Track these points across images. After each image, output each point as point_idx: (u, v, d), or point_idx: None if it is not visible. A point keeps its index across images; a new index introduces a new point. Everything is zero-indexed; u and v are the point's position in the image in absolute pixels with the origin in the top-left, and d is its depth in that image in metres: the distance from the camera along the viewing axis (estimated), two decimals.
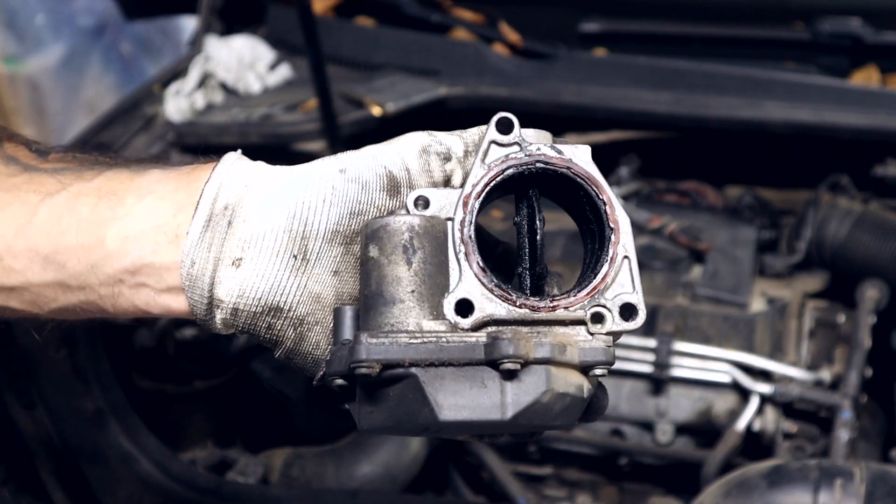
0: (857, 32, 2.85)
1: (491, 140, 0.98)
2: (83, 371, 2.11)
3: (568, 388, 0.91)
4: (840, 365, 2.54)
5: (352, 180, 0.99)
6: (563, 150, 0.99)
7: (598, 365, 0.94)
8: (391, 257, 0.92)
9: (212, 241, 0.98)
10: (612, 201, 0.98)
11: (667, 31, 3.09)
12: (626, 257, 0.97)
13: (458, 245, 0.95)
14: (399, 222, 0.93)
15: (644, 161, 3.06)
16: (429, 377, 0.89)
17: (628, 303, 0.95)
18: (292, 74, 3.15)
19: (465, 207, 0.96)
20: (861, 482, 1.95)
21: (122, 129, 2.83)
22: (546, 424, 0.92)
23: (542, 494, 2.65)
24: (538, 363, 0.90)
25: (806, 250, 2.76)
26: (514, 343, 0.88)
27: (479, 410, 0.89)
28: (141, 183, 1.03)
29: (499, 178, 0.97)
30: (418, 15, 3.14)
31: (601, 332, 0.95)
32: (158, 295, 1.01)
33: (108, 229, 1.01)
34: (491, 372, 0.89)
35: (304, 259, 0.98)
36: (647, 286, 2.71)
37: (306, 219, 0.98)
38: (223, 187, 1.00)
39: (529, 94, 2.90)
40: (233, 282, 0.97)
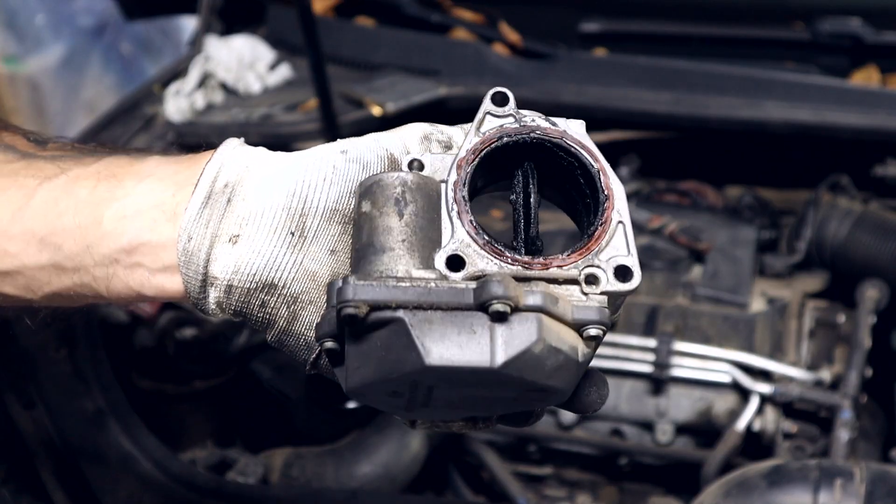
0: (857, 32, 2.85)
1: (486, 111, 0.99)
2: (83, 371, 2.11)
3: (561, 344, 0.89)
4: (840, 365, 2.54)
5: (353, 160, 1.00)
6: (558, 123, 1.01)
7: (592, 324, 0.91)
8: (383, 209, 0.92)
9: (210, 218, 0.98)
10: (606, 169, 0.98)
11: (667, 31, 3.09)
12: (621, 222, 0.96)
13: (451, 204, 0.94)
14: (392, 177, 0.93)
15: (644, 161, 3.06)
16: (416, 321, 0.87)
17: (623, 264, 0.94)
18: (292, 74, 3.15)
19: (460, 170, 0.96)
20: (861, 482, 1.95)
21: (122, 129, 2.83)
22: (539, 382, 0.89)
23: (542, 494, 2.65)
24: (529, 310, 0.88)
25: (806, 250, 2.76)
26: (503, 285, 0.86)
27: (466, 355, 0.86)
28: (141, 167, 1.03)
29: (493, 144, 0.98)
30: (418, 15, 3.14)
31: (595, 293, 0.93)
32: (153, 275, 1.01)
33: (105, 210, 1.01)
34: (481, 318, 0.87)
35: (302, 236, 0.97)
36: (647, 286, 2.71)
37: (306, 196, 0.98)
38: (224, 167, 1.01)
39: (529, 94, 2.90)
40: (228, 258, 0.97)
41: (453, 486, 2.63)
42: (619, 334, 2.62)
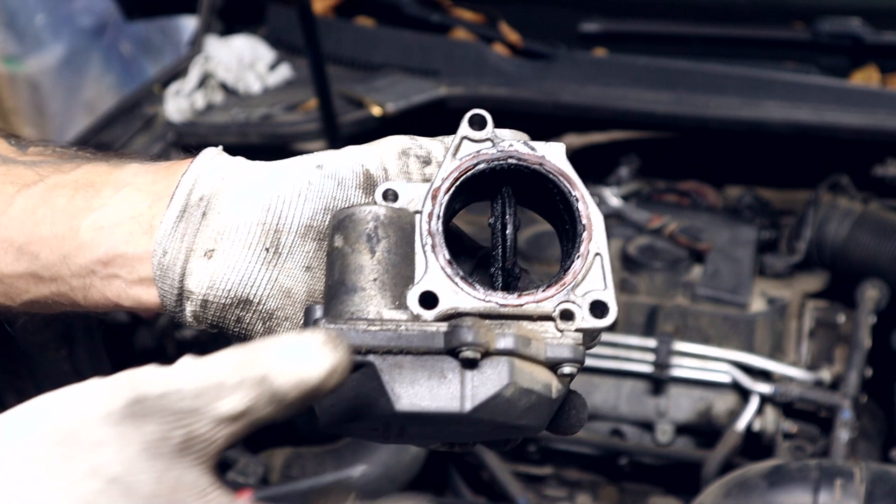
0: (857, 32, 2.85)
1: (463, 136, 0.97)
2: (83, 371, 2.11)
3: (533, 384, 0.88)
4: (840, 365, 2.55)
5: (328, 176, 0.98)
6: (537, 148, 0.97)
7: (566, 362, 0.90)
8: (354, 246, 0.90)
9: (185, 232, 0.97)
10: (586, 198, 0.95)
11: (667, 31, 3.09)
12: (598, 254, 0.94)
13: (424, 237, 0.92)
14: (364, 212, 0.91)
15: (644, 161, 3.06)
16: (386, 365, 0.86)
17: (599, 300, 0.92)
18: (292, 74, 3.15)
19: (434, 200, 0.94)
20: (861, 482, 1.95)
21: (122, 129, 2.83)
22: (511, 423, 0.89)
23: (542, 494, 2.65)
24: (500, 354, 0.86)
25: (806, 250, 2.76)
26: (473, 330, 0.85)
27: (436, 401, 0.85)
28: (119, 175, 1.02)
29: (469, 172, 0.95)
30: (418, 15, 3.14)
31: (570, 329, 0.91)
32: (130, 287, 1.00)
33: (82, 220, 1.00)
34: (451, 362, 0.86)
35: (277, 252, 0.96)
36: (647, 286, 2.71)
37: (280, 212, 0.97)
38: (200, 179, 0.99)
39: (529, 94, 2.90)
40: (203, 273, 0.96)
41: (453, 486, 2.63)
42: (620, 334, 2.62)
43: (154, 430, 0.75)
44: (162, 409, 0.75)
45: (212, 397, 0.76)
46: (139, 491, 0.74)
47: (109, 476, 0.74)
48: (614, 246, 2.81)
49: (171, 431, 0.75)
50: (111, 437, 0.74)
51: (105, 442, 0.74)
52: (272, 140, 2.85)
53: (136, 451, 0.74)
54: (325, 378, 0.79)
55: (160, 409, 0.75)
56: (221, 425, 0.77)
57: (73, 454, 0.74)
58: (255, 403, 0.77)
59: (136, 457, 0.74)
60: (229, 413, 0.77)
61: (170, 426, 0.75)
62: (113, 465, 0.74)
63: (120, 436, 0.74)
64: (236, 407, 0.77)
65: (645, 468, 2.60)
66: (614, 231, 2.85)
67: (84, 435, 0.74)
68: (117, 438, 0.74)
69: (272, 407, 0.78)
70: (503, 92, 2.92)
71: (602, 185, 2.98)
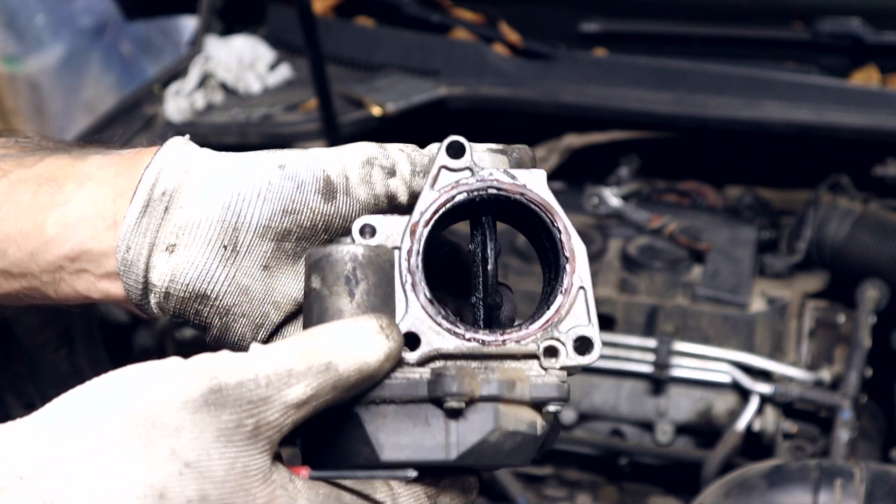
0: (857, 32, 2.85)
1: (441, 165, 0.94)
2: (83, 371, 2.11)
3: (518, 425, 0.87)
4: (840, 365, 2.54)
5: (288, 178, 0.98)
6: (517, 176, 0.94)
7: (552, 401, 0.89)
8: (333, 288, 0.88)
9: (148, 227, 0.98)
10: (568, 228, 0.93)
11: (667, 31, 3.09)
12: (582, 287, 0.92)
13: (404, 275, 0.91)
14: (342, 252, 0.88)
15: (644, 161, 3.06)
16: (370, 415, 0.86)
17: (583, 336, 0.91)
18: (292, 74, 3.15)
19: (413, 236, 0.92)
20: (861, 482, 1.95)
21: (122, 129, 2.83)
22: (496, 464, 0.88)
23: (542, 494, 2.65)
24: (485, 401, 0.86)
25: (806, 250, 2.76)
26: (457, 380, 0.84)
27: (421, 450, 0.85)
28: (82, 168, 1.02)
29: (448, 204, 0.93)
30: (418, 15, 3.14)
31: (555, 367, 0.90)
32: (98, 280, 1.01)
33: (47, 216, 1.00)
34: (435, 410, 0.86)
35: (234, 250, 0.97)
36: (647, 286, 2.71)
37: (239, 210, 0.97)
38: (163, 172, 0.99)
39: (529, 94, 2.90)
40: (165, 267, 0.97)
41: None
42: (620, 334, 2.62)
43: (229, 418, 0.80)
44: (239, 399, 0.80)
45: (281, 385, 0.81)
46: (212, 476, 0.79)
47: (185, 461, 0.78)
48: (614, 246, 2.81)
49: (244, 420, 0.80)
50: (189, 424, 0.79)
51: (183, 428, 0.79)
52: (272, 140, 2.85)
53: (212, 437, 0.79)
54: (381, 363, 0.85)
55: (237, 398, 0.80)
56: (290, 412, 0.82)
57: (153, 438, 0.78)
58: (319, 390, 0.82)
59: (211, 444, 0.79)
60: (297, 400, 0.82)
61: (244, 414, 0.80)
62: (189, 450, 0.78)
63: (197, 423, 0.79)
64: (305, 393, 0.82)
65: (645, 468, 2.60)
66: (614, 231, 2.85)
67: (164, 420, 0.79)
68: (195, 425, 0.79)
69: (334, 392, 0.83)
70: (503, 92, 2.92)
71: (602, 185, 2.98)
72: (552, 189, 0.96)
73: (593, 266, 2.76)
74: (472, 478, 0.93)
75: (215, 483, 0.79)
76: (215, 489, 0.79)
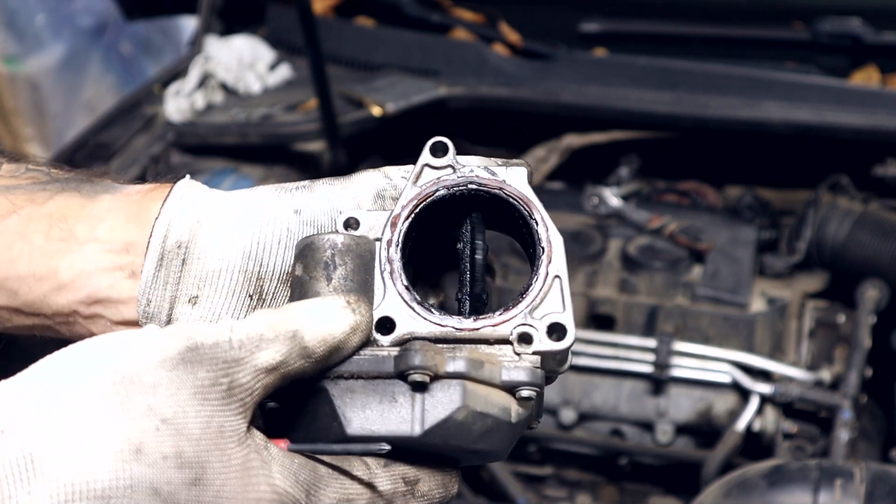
0: (857, 32, 2.85)
1: (424, 163, 0.97)
2: None
3: (489, 408, 0.88)
4: (840, 365, 2.55)
5: (307, 223, 0.99)
6: (497, 172, 0.97)
7: (523, 385, 0.89)
8: (312, 273, 0.91)
9: (167, 280, 0.98)
10: (545, 221, 0.95)
11: (667, 31, 3.09)
12: (558, 276, 0.94)
13: (383, 264, 0.93)
14: (322, 240, 0.92)
15: (644, 161, 3.06)
16: (338, 390, 0.88)
17: (557, 322, 0.92)
18: (292, 74, 3.15)
19: (393, 228, 0.95)
20: (861, 482, 1.95)
21: (122, 129, 2.83)
22: (468, 447, 0.89)
23: (542, 494, 2.65)
24: (451, 377, 0.87)
25: (806, 250, 2.76)
26: (421, 353, 0.85)
27: (387, 425, 0.86)
28: (91, 211, 1.03)
29: (428, 199, 0.96)
30: (418, 15, 3.14)
31: (528, 353, 0.91)
32: (115, 325, 1.02)
33: (60, 260, 1.01)
34: (402, 386, 0.87)
35: (260, 299, 0.98)
36: (647, 286, 2.71)
37: (262, 260, 0.98)
38: (173, 223, 1.00)
39: (529, 94, 2.90)
40: (190, 319, 0.98)
41: None
42: (619, 334, 2.62)
43: (204, 376, 0.82)
44: (214, 357, 0.83)
45: (253, 348, 0.84)
46: (188, 433, 0.80)
47: (162, 417, 0.80)
48: (614, 246, 2.81)
49: (219, 378, 0.82)
50: (166, 381, 0.81)
51: (160, 385, 0.81)
52: (272, 140, 2.85)
53: (188, 395, 0.81)
54: (347, 335, 0.88)
55: (212, 356, 0.83)
56: (260, 376, 0.84)
57: (130, 395, 0.80)
58: (287, 356, 0.85)
59: (187, 401, 0.81)
60: (267, 364, 0.84)
61: (219, 373, 0.82)
62: (166, 407, 0.80)
63: (174, 380, 0.81)
64: (274, 358, 0.85)
65: (645, 468, 2.60)
66: (614, 231, 2.85)
67: (142, 377, 0.81)
68: (171, 382, 0.81)
69: (302, 361, 0.86)
70: (503, 92, 2.92)
71: (602, 185, 2.98)
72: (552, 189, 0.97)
73: (593, 266, 2.76)
74: (454, 473, 0.93)
75: (191, 440, 0.80)
76: (191, 446, 0.80)
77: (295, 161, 2.95)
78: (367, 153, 3.12)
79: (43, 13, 4.87)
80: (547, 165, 3.11)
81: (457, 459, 0.94)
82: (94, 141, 2.78)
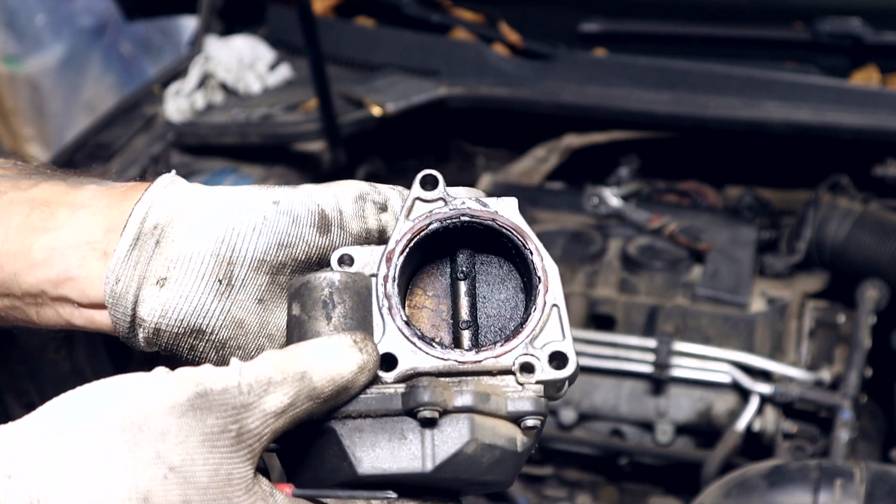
0: (857, 32, 2.85)
1: (415, 197, 0.98)
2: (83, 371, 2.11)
3: (496, 439, 0.89)
4: (840, 365, 2.54)
5: (284, 213, 0.99)
6: (489, 203, 0.98)
7: (528, 415, 0.90)
8: (311, 313, 0.91)
9: (138, 259, 0.98)
10: (539, 250, 0.96)
11: (667, 31, 3.09)
12: (556, 305, 0.95)
13: (381, 300, 0.94)
14: (319, 279, 0.92)
15: (644, 161, 3.06)
16: (347, 430, 0.88)
17: (558, 351, 0.93)
18: (292, 74, 3.15)
19: (389, 263, 0.95)
20: (861, 482, 1.95)
21: (122, 129, 2.83)
22: (477, 479, 0.89)
23: (542, 494, 2.65)
24: (459, 412, 0.87)
25: (806, 250, 2.76)
26: (430, 390, 0.86)
27: (398, 463, 0.87)
28: (75, 197, 1.03)
29: (422, 233, 0.96)
30: (418, 15, 3.14)
31: (531, 382, 0.92)
32: (82, 308, 1.01)
33: (36, 240, 1.01)
34: (411, 423, 0.87)
35: (230, 284, 0.98)
36: (647, 286, 2.71)
37: (234, 245, 0.98)
38: (154, 207, 1.00)
39: (529, 94, 2.90)
40: (155, 301, 0.97)
41: None
42: (620, 334, 2.62)
43: (214, 423, 0.81)
44: (224, 404, 0.82)
45: (261, 392, 0.83)
46: (196, 482, 0.80)
47: (170, 465, 0.79)
48: (614, 246, 2.81)
49: (228, 425, 0.82)
50: (175, 428, 0.80)
51: (169, 432, 0.80)
52: (272, 140, 2.85)
53: (197, 442, 0.80)
54: (355, 375, 0.87)
55: (222, 403, 0.82)
56: (269, 420, 0.83)
57: (138, 441, 0.80)
58: (296, 399, 0.84)
59: (195, 448, 0.80)
60: (276, 408, 0.84)
61: (228, 420, 0.82)
62: (174, 454, 0.80)
63: (183, 427, 0.81)
64: (282, 401, 0.84)
65: (645, 468, 2.60)
66: (614, 231, 2.85)
67: (151, 424, 0.80)
68: (180, 429, 0.80)
69: (311, 403, 0.85)
70: (503, 92, 2.92)
71: (602, 185, 2.98)
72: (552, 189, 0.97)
73: (593, 266, 2.76)
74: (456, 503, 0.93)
75: (199, 489, 0.80)
76: (198, 495, 0.80)
77: (295, 161, 2.95)
78: (367, 153, 3.12)
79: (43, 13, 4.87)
80: (547, 165, 3.11)
81: (461, 491, 0.95)
82: (94, 141, 2.78)
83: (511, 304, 1.01)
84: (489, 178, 3.13)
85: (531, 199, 2.96)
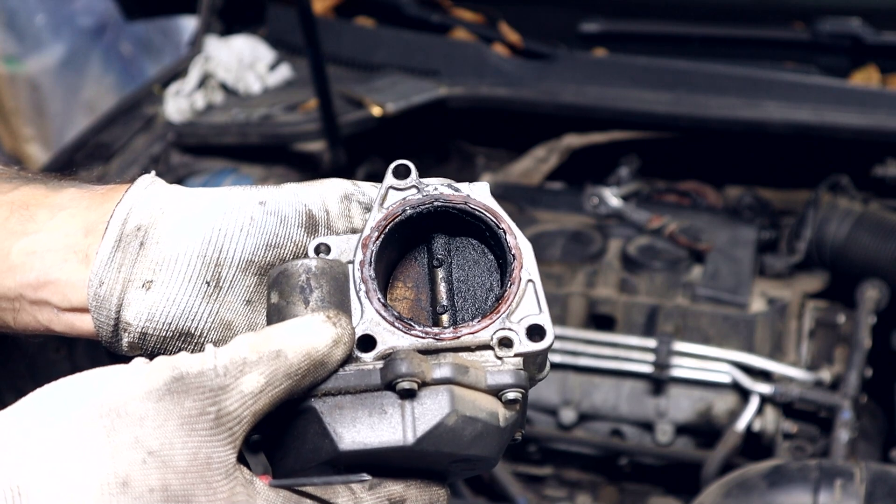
0: (857, 32, 2.85)
1: (389, 186, 0.99)
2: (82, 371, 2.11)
3: (477, 412, 0.89)
4: (840, 365, 2.55)
5: (271, 213, 0.98)
6: (461, 188, 1.00)
7: (509, 388, 0.90)
8: (289, 299, 0.91)
9: (122, 262, 0.97)
10: (512, 229, 0.97)
11: (667, 31, 3.09)
12: (531, 280, 0.96)
13: (358, 284, 0.94)
14: (296, 265, 0.93)
15: (644, 161, 3.06)
16: (326, 408, 0.88)
17: (535, 324, 0.93)
18: (292, 74, 3.15)
19: (364, 249, 0.96)
20: (861, 482, 1.95)
21: (122, 129, 2.83)
22: (460, 454, 0.89)
23: (542, 494, 2.65)
24: (439, 383, 0.87)
25: (806, 250, 2.76)
26: (407, 361, 0.86)
27: (379, 436, 0.87)
28: (55, 199, 1.02)
29: (397, 219, 0.97)
30: (418, 15, 3.14)
31: (510, 356, 0.92)
32: (62, 313, 1.00)
33: (14, 242, 1.00)
34: (391, 397, 0.87)
35: (217, 286, 0.97)
36: (647, 286, 2.71)
37: (221, 246, 0.97)
38: (135, 208, 0.99)
39: (529, 94, 2.90)
40: (142, 304, 0.96)
41: (453, 486, 2.63)
42: (620, 334, 2.62)
43: (191, 406, 0.81)
44: (200, 386, 0.82)
45: (237, 373, 0.83)
46: (174, 465, 0.80)
47: (149, 449, 0.79)
48: (614, 246, 2.81)
49: (207, 408, 0.81)
50: (153, 413, 0.80)
51: (147, 416, 0.80)
52: (272, 140, 2.85)
53: (175, 426, 0.80)
54: (330, 349, 0.87)
55: (199, 385, 0.82)
56: (247, 402, 0.83)
57: (117, 427, 0.80)
58: (272, 377, 0.84)
59: (174, 432, 0.80)
60: (253, 388, 0.83)
61: (206, 402, 0.81)
62: (153, 439, 0.80)
63: (161, 411, 0.81)
64: (259, 381, 0.84)
65: (645, 468, 2.60)
66: (614, 231, 2.85)
67: (129, 409, 0.80)
68: (158, 413, 0.80)
69: (288, 381, 0.85)
70: (503, 92, 2.92)
71: (602, 185, 2.98)
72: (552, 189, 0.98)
73: (593, 266, 2.76)
74: (442, 491, 0.93)
75: (178, 472, 0.80)
76: (178, 479, 0.80)
77: (295, 161, 2.95)
78: (367, 153, 3.12)
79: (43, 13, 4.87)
80: (547, 165, 3.12)
81: (446, 473, 0.94)
82: (94, 141, 2.78)
83: (487, 284, 1.02)
84: (489, 178, 3.13)
85: (531, 199, 2.96)
